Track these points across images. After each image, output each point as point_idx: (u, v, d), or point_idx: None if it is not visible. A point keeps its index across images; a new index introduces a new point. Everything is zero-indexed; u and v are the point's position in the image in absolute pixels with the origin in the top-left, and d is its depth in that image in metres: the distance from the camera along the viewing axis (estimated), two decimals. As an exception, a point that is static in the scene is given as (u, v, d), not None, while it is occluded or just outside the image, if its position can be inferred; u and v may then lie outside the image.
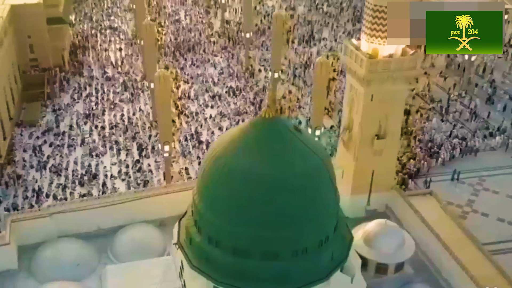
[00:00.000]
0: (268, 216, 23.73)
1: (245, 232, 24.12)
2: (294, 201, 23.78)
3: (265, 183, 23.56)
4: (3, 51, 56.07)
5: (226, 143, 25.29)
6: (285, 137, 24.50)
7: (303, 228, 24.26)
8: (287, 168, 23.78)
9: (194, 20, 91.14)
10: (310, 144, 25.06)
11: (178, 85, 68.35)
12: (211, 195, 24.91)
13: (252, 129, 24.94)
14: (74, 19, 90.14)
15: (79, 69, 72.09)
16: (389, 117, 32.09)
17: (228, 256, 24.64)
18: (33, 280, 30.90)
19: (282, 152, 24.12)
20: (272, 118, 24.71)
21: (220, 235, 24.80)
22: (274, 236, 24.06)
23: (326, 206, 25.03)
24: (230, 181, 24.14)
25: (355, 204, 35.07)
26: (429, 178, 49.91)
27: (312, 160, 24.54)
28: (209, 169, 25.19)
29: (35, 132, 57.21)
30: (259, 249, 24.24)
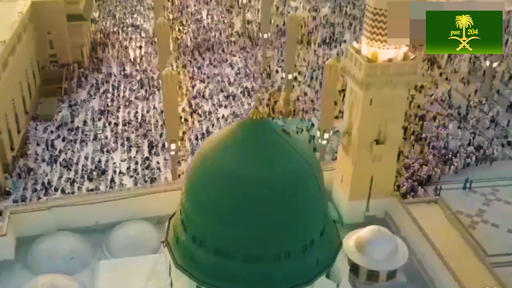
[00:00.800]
0: (251, 218, 23.76)
1: (228, 233, 24.20)
2: (277, 203, 23.76)
3: (248, 184, 23.60)
4: (21, 46, 57.46)
5: (213, 143, 25.46)
6: (271, 139, 24.48)
7: (286, 231, 24.21)
8: (271, 170, 23.75)
9: (215, 20, 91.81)
10: (297, 147, 24.96)
11: (194, 84, 68.93)
12: (196, 194, 25.08)
13: (239, 130, 25.01)
14: (97, 16, 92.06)
15: (98, 65, 73.45)
16: (389, 122, 31.71)
17: (211, 256, 24.76)
18: (28, 272, 31.65)
19: (267, 154, 24.10)
20: (259, 120, 24.72)
21: (204, 235, 24.95)
22: (257, 238, 24.07)
23: (311, 210, 24.89)
24: (215, 181, 24.28)
25: (353, 209, 34.81)
26: (440, 185, 48.95)
27: (298, 163, 24.44)
28: (196, 169, 25.40)
29: (49, 126, 58.46)
30: (241, 251, 24.27)
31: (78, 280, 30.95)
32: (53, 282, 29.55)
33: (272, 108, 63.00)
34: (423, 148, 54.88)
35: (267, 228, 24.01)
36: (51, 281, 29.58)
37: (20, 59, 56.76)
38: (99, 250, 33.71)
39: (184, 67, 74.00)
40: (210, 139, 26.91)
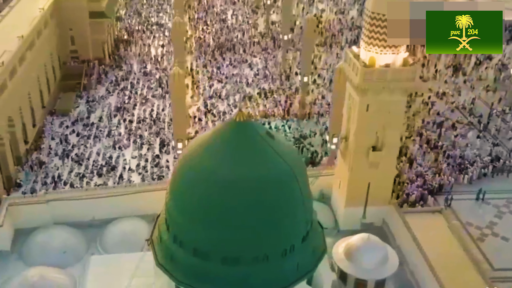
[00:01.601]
0: (228, 219, 23.68)
1: (206, 234, 24.20)
2: (255, 206, 23.61)
3: (226, 186, 23.54)
4: (40, 42, 58.96)
5: (197, 144, 25.51)
6: (253, 141, 24.34)
7: (264, 234, 24.05)
8: (250, 172, 23.61)
9: (240, 20, 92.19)
10: (281, 151, 24.72)
11: (211, 84, 69.34)
12: (178, 194, 25.19)
13: (222, 131, 25.01)
14: (124, 14, 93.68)
15: (119, 62, 74.70)
16: (387, 129, 31.22)
17: (190, 256, 24.79)
18: (22, 263, 32.48)
19: (248, 156, 23.98)
20: (243, 122, 24.63)
21: (184, 235, 25.02)
22: (235, 240, 23.96)
23: (292, 214, 24.66)
24: (195, 181, 24.33)
25: (350, 216, 34.43)
26: (451, 195, 47.95)
27: (279, 166, 24.23)
28: (179, 168, 25.54)
29: (65, 121, 59.77)
30: (219, 252, 24.21)
31: (68, 274, 31.60)
32: (43, 274, 30.24)
33: (287, 110, 62.83)
34: (437, 156, 53.83)
35: (245, 231, 23.88)
36: (40, 273, 30.28)
37: (39, 54, 58.21)
38: (93, 245, 34.33)
39: (204, 66, 74.52)
40: (196, 139, 27.01)
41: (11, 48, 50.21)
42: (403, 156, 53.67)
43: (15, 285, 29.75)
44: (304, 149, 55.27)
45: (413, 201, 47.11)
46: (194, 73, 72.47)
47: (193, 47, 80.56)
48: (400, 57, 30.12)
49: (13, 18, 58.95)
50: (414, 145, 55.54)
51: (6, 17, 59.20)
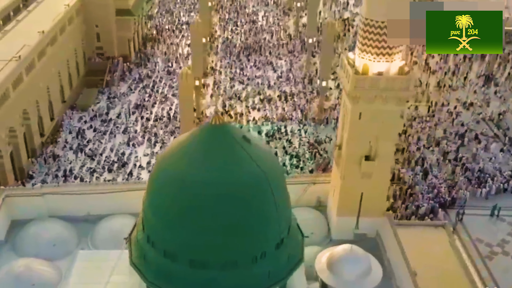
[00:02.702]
0: (196, 222, 23.56)
1: (175, 236, 24.20)
2: (223, 210, 23.47)
3: (195, 188, 23.43)
4: (64, 37, 60.59)
5: (174, 145, 25.69)
6: (227, 145, 24.15)
7: (233, 240, 23.81)
8: (220, 176, 23.45)
9: (270, 22, 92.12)
10: (256, 156, 24.42)
11: (232, 85, 69.55)
12: (151, 194, 25.28)
13: (198, 134, 25.00)
14: (156, 13, 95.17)
15: (144, 60, 75.83)
16: (380, 139, 30.41)
17: (160, 257, 24.84)
18: (13, 253, 33.18)
19: (220, 160, 23.78)
20: (219, 125, 24.53)
21: (155, 235, 25.10)
22: (203, 244, 23.84)
23: (264, 221, 24.33)
24: (167, 183, 24.40)
25: (342, 226, 33.68)
26: (463, 210, 46.53)
27: (252, 172, 23.93)
28: (155, 168, 25.72)
29: (84, 116, 61.12)
30: (187, 255, 24.15)
31: (55, 267, 32.11)
32: (29, 266, 30.85)
33: (305, 115, 62.32)
34: (455, 168, 52.31)
35: (213, 235, 23.71)
36: (26, 264, 30.89)
37: (61, 49, 59.79)
38: (84, 240, 34.77)
39: (227, 67, 74.86)
40: (175, 140, 27.13)
41: (31, 43, 51.71)
42: (418, 166, 52.64)
43: (1, 274, 30.52)
44: (317, 155, 54.76)
45: (423, 213, 46.15)
46: (217, 73, 72.79)
47: (219, 48, 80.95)
48: (395, 65, 29.26)
49: (38, 13, 60.83)
50: (432, 156, 54.27)
51: (32, 13, 61.14)
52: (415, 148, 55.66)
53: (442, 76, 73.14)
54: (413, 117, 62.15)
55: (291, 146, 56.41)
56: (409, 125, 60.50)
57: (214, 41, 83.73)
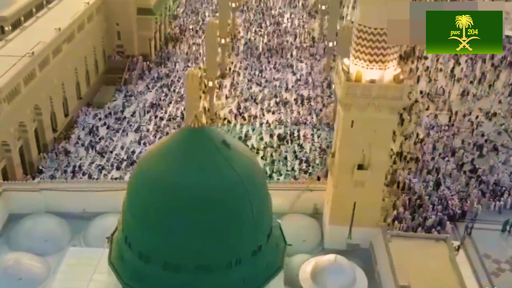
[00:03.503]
0: (170, 225, 23.63)
1: (149, 238, 24.34)
2: (197, 214, 23.38)
3: (169, 191, 23.49)
4: (82, 35, 61.59)
5: (155, 147, 25.94)
6: (205, 149, 24.05)
7: (206, 244, 23.76)
8: (195, 180, 23.36)
9: (295, 24, 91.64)
10: (234, 161, 24.23)
11: (249, 87, 69.41)
12: (129, 195, 25.49)
13: (177, 137, 25.13)
14: (181, 12, 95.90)
15: (165, 60, 76.44)
16: (373, 148, 29.75)
17: (135, 259, 24.96)
18: (7, 247, 33.86)
19: (196, 164, 23.73)
20: (198, 128, 24.44)
21: (132, 236, 25.26)
22: (176, 247, 23.89)
23: (239, 228, 24.15)
24: (143, 184, 24.60)
25: (335, 235, 33.13)
26: (472, 224, 45.20)
27: (228, 176, 23.79)
28: (135, 170, 25.98)
29: (99, 113, 61.97)
30: (161, 258, 24.24)
31: (45, 262, 32.61)
32: (18, 260, 31.41)
33: (320, 119, 61.68)
34: (469, 180, 50.84)
35: (187, 238, 23.73)
36: (16, 258, 31.46)
37: (79, 46, 60.80)
38: (77, 237, 35.20)
39: (246, 68, 74.78)
40: (157, 142, 27.25)
41: (47, 40, 52.75)
42: (430, 176, 51.40)
43: (-10, 267, 31.24)
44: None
45: (430, 225, 45.00)
46: (235, 74, 72.79)
47: (241, 49, 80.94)
48: (389, 73, 28.54)
49: (58, 11, 62.09)
50: (446, 166, 52.90)
51: (52, 10, 62.43)
52: (430, 158, 54.36)
53: (467, 84, 71.34)
54: (431, 125, 60.78)
55: (302, 150, 55.89)
56: (426, 133, 59.25)
57: (236, 42, 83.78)
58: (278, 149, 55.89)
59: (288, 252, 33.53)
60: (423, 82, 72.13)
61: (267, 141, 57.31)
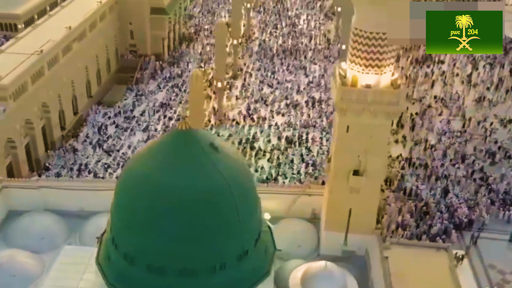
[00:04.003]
0: (153, 227, 23.61)
1: (133, 240, 24.37)
2: (180, 217, 23.33)
3: (154, 193, 23.47)
4: (93, 34, 62.15)
5: (143, 149, 26.09)
6: (191, 152, 23.98)
7: (189, 248, 23.68)
8: (180, 183, 23.31)
9: (311, 26, 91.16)
10: (221, 165, 24.06)
11: (261, 88, 69.21)
12: (117, 196, 25.56)
13: (165, 139, 25.22)
14: (198, 12, 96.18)
15: (177, 60, 76.70)
16: (369, 154, 29.33)
17: (121, 260, 25.02)
18: (4, 244, 34.30)
19: (181, 166, 23.67)
20: (185, 131, 24.38)
21: (118, 237, 25.31)
22: (159, 249, 23.85)
23: (223, 232, 23.96)
24: (128, 185, 24.68)
25: (330, 241, 32.79)
26: (478, 233, 44.30)
27: (214, 180, 23.65)
28: (122, 171, 26.05)
29: (109, 112, 62.42)
30: (145, 260, 24.23)
31: (40, 260, 32.95)
32: (13, 257, 31.84)
33: (329, 122, 61.15)
34: (479, 188, 49.86)
35: (170, 241, 23.67)
36: (11, 255, 31.91)
37: (90, 45, 61.38)
38: (73, 235, 35.49)
39: (259, 70, 74.61)
40: (147, 144, 27.29)
41: (57, 38, 53.32)
42: (439, 183, 50.57)
43: (-15, 264, 31.63)
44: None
45: (435, 233, 44.22)
46: (247, 75, 72.68)
47: (254, 50, 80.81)
48: (385, 78, 28.11)
49: (71, 9, 62.71)
50: (456, 173, 51.97)
51: (65, 8, 63.13)
52: (439, 164, 53.45)
53: (483, 89, 70.05)
54: (443, 131, 59.81)
55: (310, 153, 55.49)
56: (438, 139, 58.32)
57: (250, 43, 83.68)
58: (285, 152, 55.60)
59: (283, 257, 33.62)
60: (438, 86, 71.01)
61: (274, 143, 57.04)
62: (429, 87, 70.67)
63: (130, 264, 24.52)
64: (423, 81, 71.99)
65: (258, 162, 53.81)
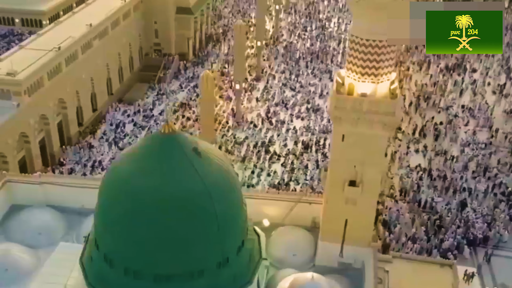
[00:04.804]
0: (129, 230, 23.56)
1: (112, 242, 24.44)
2: (157, 222, 23.14)
3: (132, 197, 23.39)
4: (116, 31, 62.80)
5: (126, 151, 26.13)
6: (173, 156, 23.77)
7: (164, 253, 23.49)
8: (156, 187, 23.11)
9: (341, 29, 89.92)
10: (202, 170, 23.71)
11: (283, 91, 68.63)
12: (98, 197, 25.61)
13: (146, 143, 25.15)
14: (228, 13, 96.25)
15: (202, 60, 76.85)
16: (366, 165, 28.39)
17: (101, 261, 25.06)
18: (3, 237, 34.81)
19: (159, 170, 23.50)
20: (168, 134, 24.19)
21: (99, 239, 25.38)
22: (135, 253, 23.77)
23: (201, 238, 23.65)
24: (108, 187, 24.71)
25: (326, 251, 31.89)
26: (492, 250, 42.64)
27: (194, 187, 23.32)
28: (106, 172, 26.18)
29: (129, 110, 62.97)
30: (123, 263, 24.19)
31: (35, 255, 33.26)
32: (8, 251, 32.27)
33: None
34: (498, 203, 48.01)
35: (146, 245, 23.55)
36: (6, 249, 32.33)
37: (112, 43, 62.08)
38: (72, 232, 35.70)
39: (282, 72, 74.04)
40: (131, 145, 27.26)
41: (76, 35, 54.12)
42: (457, 196, 48.92)
43: (-20, 257, 32.14)
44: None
45: (446, 248, 42.80)
46: (271, 78, 72.20)
47: (281, 52, 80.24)
48: (383, 86, 27.12)
49: (96, 7, 63.54)
50: (476, 187, 50.20)
51: (90, 6, 64.01)
52: (459, 176, 51.73)
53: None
54: (467, 142, 57.93)
55: (325, 159, 54.52)
56: (461, 150, 56.51)
57: (277, 44, 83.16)
58: (300, 157, 54.89)
59: (277, 265, 33.10)
60: (467, 96, 68.91)
61: (290, 148, 56.40)
62: (458, 95, 68.67)
63: (110, 266, 24.50)
64: (452, 90, 70.06)
65: (271, 166, 53.34)
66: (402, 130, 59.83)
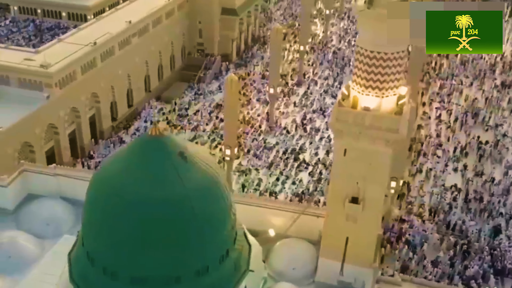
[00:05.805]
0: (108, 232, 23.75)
1: (93, 241, 24.74)
2: (135, 226, 23.15)
3: (112, 199, 23.52)
4: (158, 29, 63.76)
5: (114, 153, 26.58)
6: (157, 160, 23.68)
7: (142, 257, 23.48)
8: (137, 190, 23.10)
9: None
10: (185, 176, 23.49)
11: (323, 98, 67.59)
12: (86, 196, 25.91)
13: (134, 144, 25.31)
14: (279, 15, 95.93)
15: (245, 61, 76.85)
16: (368, 181, 27.32)
17: (85, 259, 25.38)
18: (14, 225, 36.02)
19: (142, 173, 23.49)
20: (155, 137, 24.17)
21: (84, 236, 25.73)
22: (112, 254, 23.94)
23: (178, 244, 23.46)
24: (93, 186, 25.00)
25: (326, 268, 30.98)
26: (519, 281, 40.14)
27: (174, 191, 23.21)
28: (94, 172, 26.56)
29: (164, 108, 63.81)
30: (101, 263, 24.38)
31: (41, 245, 34.17)
32: (13, 239, 33.40)
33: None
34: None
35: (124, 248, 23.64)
36: (11, 237, 33.47)
37: (153, 41, 63.06)
38: (79, 226, 36.31)
39: (326, 79, 72.95)
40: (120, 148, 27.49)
41: (114, 32, 55.39)
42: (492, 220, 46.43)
43: (-14, 243, 33.34)
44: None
45: (470, 276, 40.66)
46: (312, 83, 71.29)
47: (327, 58, 79.13)
48: (389, 101, 25.95)
49: (140, 4, 64.73)
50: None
51: (134, 3, 65.32)
52: (497, 200, 49.08)
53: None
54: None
55: (356, 172, 53.15)
56: (504, 173, 53.66)
57: (325, 50, 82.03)
58: (330, 167, 53.68)
59: (275, 277, 32.49)
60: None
61: (321, 157, 55.38)
62: (509, 114, 65.34)
63: (91, 265, 24.75)
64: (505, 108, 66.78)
65: (298, 174, 52.53)
66: (442, 147, 57.64)
